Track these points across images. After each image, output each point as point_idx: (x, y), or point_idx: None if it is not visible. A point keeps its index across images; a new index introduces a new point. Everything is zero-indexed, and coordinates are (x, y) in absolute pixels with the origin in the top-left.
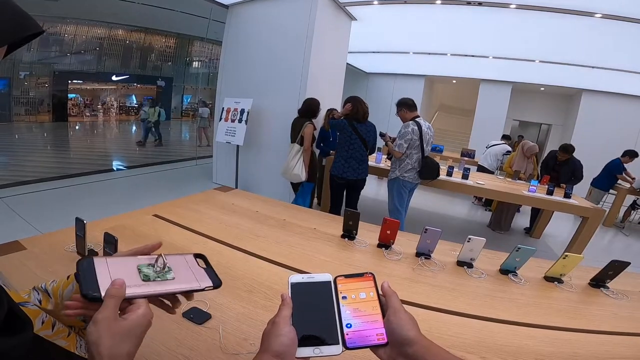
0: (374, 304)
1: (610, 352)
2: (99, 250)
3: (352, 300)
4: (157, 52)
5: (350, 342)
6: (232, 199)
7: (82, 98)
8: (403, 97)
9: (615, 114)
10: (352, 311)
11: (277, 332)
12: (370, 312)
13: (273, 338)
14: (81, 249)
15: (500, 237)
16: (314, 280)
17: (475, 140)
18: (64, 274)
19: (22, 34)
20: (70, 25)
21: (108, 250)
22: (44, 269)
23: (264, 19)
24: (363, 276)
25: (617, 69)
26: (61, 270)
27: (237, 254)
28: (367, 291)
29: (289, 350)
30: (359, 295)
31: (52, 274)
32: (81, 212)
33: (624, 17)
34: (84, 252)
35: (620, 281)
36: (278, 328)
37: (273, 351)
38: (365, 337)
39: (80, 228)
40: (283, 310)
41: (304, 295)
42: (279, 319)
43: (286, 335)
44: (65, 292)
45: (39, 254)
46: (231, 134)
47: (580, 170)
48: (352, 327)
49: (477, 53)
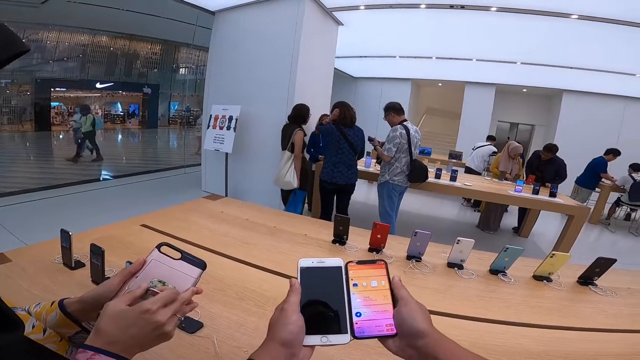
0: (385, 293)
1: (602, 350)
2: (86, 262)
3: (363, 288)
4: (143, 58)
5: (359, 332)
6: (221, 207)
7: (65, 106)
8: (390, 102)
9: (595, 113)
10: (362, 299)
11: (284, 321)
12: (381, 302)
13: (280, 326)
14: (68, 260)
15: (489, 237)
16: (324, 265)
17: (462, 142)
18: (49, 285)
19: (9, 52)
20: (52, 31)
21: (95, 261)
22: (30, 281)
23: (250, 25)
24: (375, 263)
25: (595, 69)
26: (47, 281)
27: (228, 262)
28: (379, 279)
29: (296, 338)
30: (370, 283)
31: (39, 285)
32: (68, 223)
33: (598, 18)
34: (71, 264)
35: (608, 278)
36: (286, 316)
37: (280, 339)
38: (374, 327)
39: (66, 239)
40: (291, 297)
41: (313, 280)
42: (287, 305)
43: (294, 323)
44: (49, 318)
45: (24, 266)
46: (220, 142)
47: (564, 169)
48: (361, 316)
49: (461, 56)
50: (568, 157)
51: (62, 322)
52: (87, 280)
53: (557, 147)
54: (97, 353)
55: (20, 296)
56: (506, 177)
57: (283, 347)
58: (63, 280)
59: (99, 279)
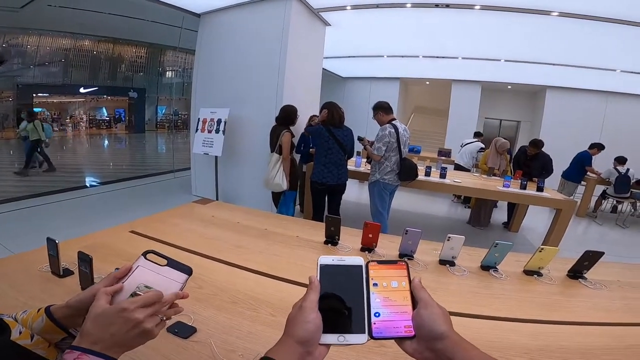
0: (405, 294)
1: (594, 343)
2: (75, 270)
3: (383, 289)
4: (128, 62)
5: (377, 332)
6: (212, 211)
7: (49, 112)
8: (379, 101)
9: (579, 109)
10: (382, 300)
11: (303, 318)
12: (400, 303)
13: (298, 324)
14: (55, 268)
15: (480, 232)
16: (345, 263)
17: (451, 139)
18: (37, 293)
19: None
20: (32, 36)
21: (84, 269)
22: (18, 289)
23: (237, 27)
24: (396, 263)
25: (577, 66)
26: (35, 290)
27: (219, 266)
28: (400, 280)
29: (313, 337)
30: (390, 284)
31: (27, 294)
32: (56, 230)
33: (579, 15)
34: (59, 272)
35: (598, 271)
36: (305, 314)
37: (298, 337)
38: (393, 328)
39: (53, 248)
40: (310, 294)
41: (333, 278)
42: (306, 303)
43: (312, 322)
44: (35, 324)
45: (11, 275)
46: (209, 145)
47: (550, 164)
48: (380, 316)
49: (447, 54)
50: (553, 151)
51: (48, 328)
52: (77, 288)
53: (542, 142)
54: (84, 353)
55: (8, 305)
56: (494, 173)
57: (299, 344)
58: (52, 288)
59: (88, 286)
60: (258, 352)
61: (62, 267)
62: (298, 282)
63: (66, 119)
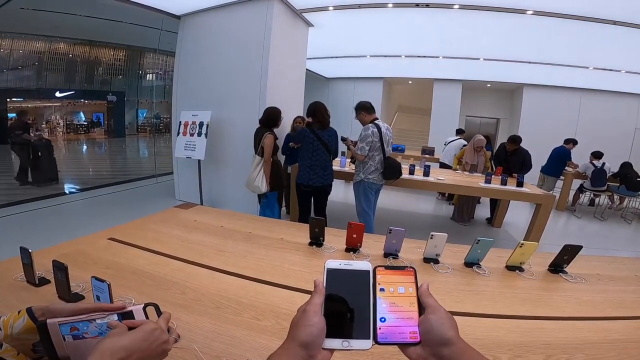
0: (412, 300)
1: (577, 338)
2: (51, 278)
3: (389, 294)
4: (106, 65)
5: (382, 337)
6: (194, 216)
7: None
8: (361, 101)
9: (554, 105)
10: (388, 305)
11: (306, 322)
12: (407, 308)
13: (301, 328)
14: (30, 277)
15: (464, 229)
16: (352, 267)
17: (434, 137)
18: (14, 302)
19: None
20: (5, 39)
21: (60, 277)
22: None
23: (218, 28)
24: (404, 269)
25: (552, 63)
26: (11, 298)
27: (202, 271)
28: (407, 286)
29: (316, 340)
30: (397, 289)
31: (2, 303)
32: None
33: (552, 13)
34: (35, 281)
35: (578, 265)
36: (308, 317)
37: (300, 341)
38: (398, 333)
39: (26, 257)
40: (314, 298)
41: (339, 283)
42: (310, 306)
43: (315, 325)
44: (16, 324)
45: None
46: (191, 149)
47: (529, 159)
48: (385, 321)
49: (428, 53)
50: (532, 147)
51: (29, 328)
52: (53, 296)
53: (520, 138)
54: None
55: None
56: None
57: (302, 348)
58: (28, 297)
59: (65, 294)
60: (243, 356)
61: (37, 276)
62: (283, 285)
63: (42, 125)
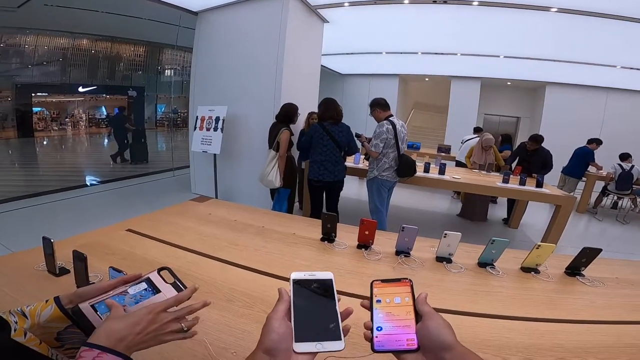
0: (408, 309)
1: (590, 342)
2: (71, 268)
3: (386, 304)
4: (126, 61)
5: (378, 345)
6: (209, 209)
7: (48, 111)
8: (375, 98)
9: (579, 105)
10: (384, 315)
11: (267, 329)
12: (403, 317)
13: (264, 335)
14: (51, 267)
15: (478, 229)
16: (315, 277)
17: (451, 135)
18: (35, 292)
19: None
20: (30, 35)
21: (79, 267)
22: (14, 288)
23: (234, 24)
24: (400, 281)
25: (577, 62)
26: (32, 289)
27: (215, 264)
28: (403, 296)
29: (278, 346)
30: (393, 300)
31: (23, 292)
32: (53, 230)
33: (577, 11)
34: (55, 271)
35: (596, 268)
36: (269, 324)
37: (263, 347)
38: (395, 341)
39: (48, 247)
40: (277, 305)
41: (306, 291)
42: (271, 314)
43: (275, 331)
44: (43, 313)
45: (8, 274)
46: (207, 143)
47: (550, 159)
48: (382, 330)
49: (446, 50)
50: (553, 147)
51: (55, 317)
52: (72, 286)
53: (542, 137)
54: (104, 352)
55: (4, 302)
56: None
57: (267, 354)
58: (48, 286)
59: (83, 284)
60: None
61: (58, 266)
62: None
63: (65, 119)
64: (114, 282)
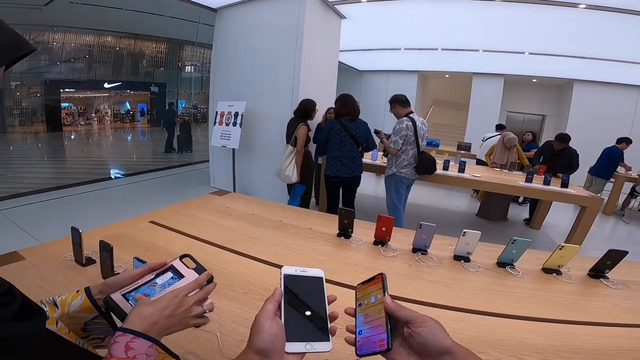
0: (379, 308)
1: (610, 345)
2: (97, 259)
3: (365, 307)
4: (149, 57)
5: (360, 350)
6: (228, 203)
7: (75, 107)
8: (395, 94)
9: (608, 103)
10: (364, 317)
11: (257, 329)
12: (376, 317)
13: (254, 335)
14: (79, 257)
15: (498, 229)
16: (307, 274)
17: (471, 133)
18: (62, 282)
19: (18, 53)
20: (57, 33)
21: (105, 257)
22: (43, 278)
23: (253, 21)
24: (374, 279)
25: (606, 59)
26: (60, 278)
27: (233, 256)
28: (376, 294)
29: (272, 347)
30: (370, 300)
31: (51, 282)
32: (80, 221)
33: (607, 7)
34: (82, 261)
35: (620, 271)
36: (258, 324)
37: (255, 348)
38: (371, 343)
39: (76, 237)
40: (266, 304)
41: (297, 288)
42: (260, 313)
43: (267, 331)
44: (74, 303)
45: (37, 264)
46: (226, 138)
47: (576, 159)
48: (362, 334)
49: (467, 47)
50: (580, 146)
51: (85, 307)
52: (98, 276)
53: (569, 136)
54: (137, 337)
55: (33, 292)
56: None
57: (257, 355)
58: (74, 276)
59: (108, 274)
60: None
61: (84, 256)
62: None
63: (92, 114)
64: (142, 271)
